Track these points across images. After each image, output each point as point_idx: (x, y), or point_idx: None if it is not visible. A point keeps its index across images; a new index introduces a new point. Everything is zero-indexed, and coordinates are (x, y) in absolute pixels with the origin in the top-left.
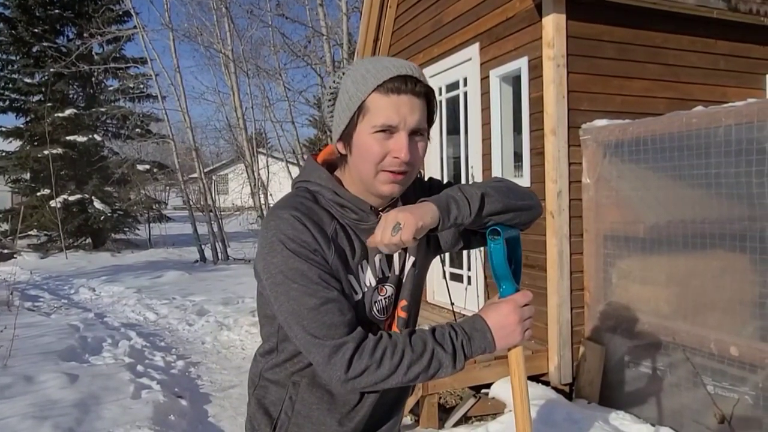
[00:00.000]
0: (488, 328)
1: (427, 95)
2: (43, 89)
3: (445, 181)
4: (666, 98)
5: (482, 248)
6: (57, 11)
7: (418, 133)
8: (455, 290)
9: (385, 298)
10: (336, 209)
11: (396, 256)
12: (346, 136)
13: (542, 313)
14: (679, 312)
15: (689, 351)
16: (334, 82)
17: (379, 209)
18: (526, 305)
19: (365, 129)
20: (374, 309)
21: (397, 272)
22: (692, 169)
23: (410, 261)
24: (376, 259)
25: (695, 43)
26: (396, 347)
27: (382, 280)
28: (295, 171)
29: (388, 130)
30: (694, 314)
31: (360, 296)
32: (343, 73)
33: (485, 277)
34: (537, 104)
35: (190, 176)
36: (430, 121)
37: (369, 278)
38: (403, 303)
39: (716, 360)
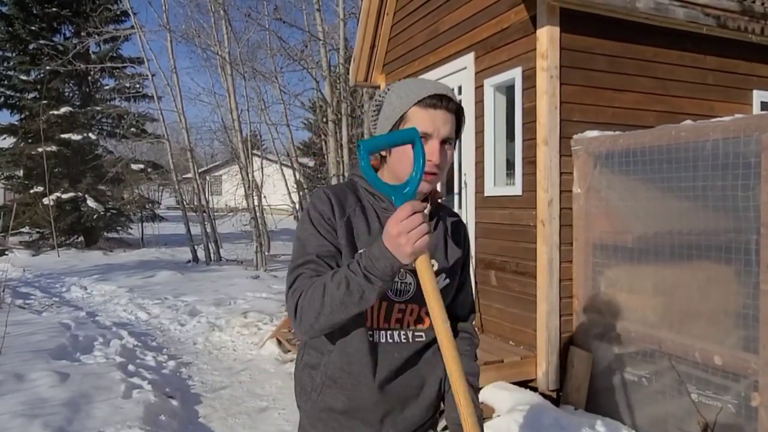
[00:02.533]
0: (385, 247)
1: (457, 112)
2: (39, 87)
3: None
4: (656, 111)
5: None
6: (54, 9)
7: (448, 142)
8: None
9: (402, 283)
10: (369, 197)
11: None
12: None
13: (531, 319)
14: (665, 321)
15: (674, 359)
16: (380, 96)
17: None
18: (408, 218)
19: None
20: (390, 286)
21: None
22: (680, 182)
23: (443, 276)
24: None
25: (685, 58)
26: (319, 284)
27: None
28: (289, 173)
29: (424, 138)
30: (679, 323)
31: None
32: (389, 90)
33: (476, 283)
34: (530, 114)
35: (184, 176)
36: (458, 133)
37: None
38: (425, 309)
39: (700, 369)
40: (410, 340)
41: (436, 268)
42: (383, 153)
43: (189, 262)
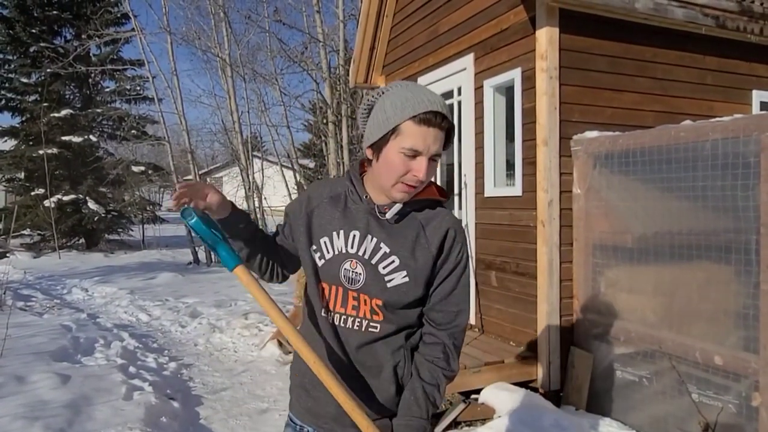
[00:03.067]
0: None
1: (448, 129)
2: (40, 89)
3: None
4: (655, 111)
5: (472, 258)
6: (55, 12)
7: (435, 158)
8: None
9: (353, 272)
10: (347, 189)
11: (369, 242)
12: (377, 147)
13: (532, 320)
14: (665, 321)
15: (675, 359)
16: (372, 97)
17: (383, 204)
18: None
19: (395, 147)
20: (342, 274)
21: (365, 254)
22: (680, 182)
23: (401, 274)
24: (351, 234)
25: (684, 58)
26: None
27: (352, 255)
28: (290, 175)
29: (413, 154)
30: (679, 323)
31: (331, 255)
32: (383, 93)
33: (476, 284)
34: (530, 114)
35: (185, 178)
36: (445, 147)
37: (341, 245)
38: (378, 302)
39: (701, 369)
40: (363, 329)
41: (396, 263)
42: (370, 157)
43: (190, 263)
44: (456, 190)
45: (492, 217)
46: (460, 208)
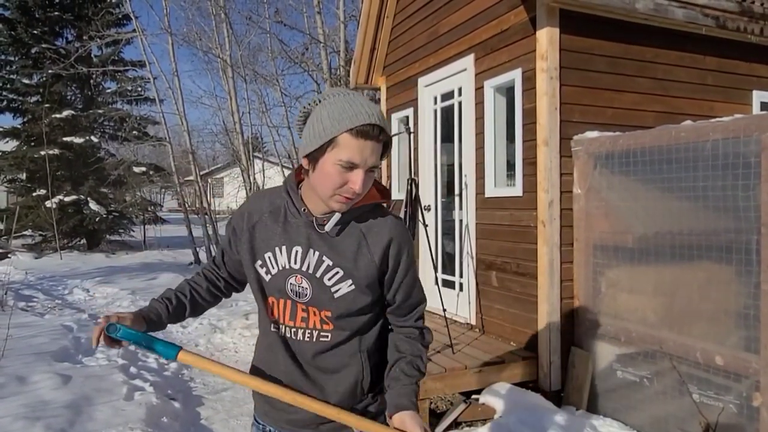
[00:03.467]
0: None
1: (385, 141)
2: (41, 90)
3: (439, 187)
4: (655, 112)
5: (472, 258)
6: (57, 13)
7: (373, 169)
8: (447, 296)
9: (299, 286)
10: (290, 208)
11: (312, 256)
12: (313, 158)
13: (532, 320)
14: (666, 321)
15: (676, 360)
16: (308, 104)
17: (318, 215)
18: None
19: (331, 159)
20: (288, 288)
21: (309, 269)
22: (680, 182)
23: (347, 283)
24: (293, 249)
25: (684, 59)
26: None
27: (296, 271)
28: None
29: (350, 166)
30: (680, 324)
31: (276, 270)
32: (320, 101)
33: (477, 284)
34: (530, 115)
35: (186, 179)
36: (382, 158)
37: (284, 261)
38: (327, 313)
39: (702, 369)
40: (314, 339)
41: (341, 274)
42: (306, 167)
43: (191, 264)
44: (456, 191)
45: (492, 217)
46: (460, 208)
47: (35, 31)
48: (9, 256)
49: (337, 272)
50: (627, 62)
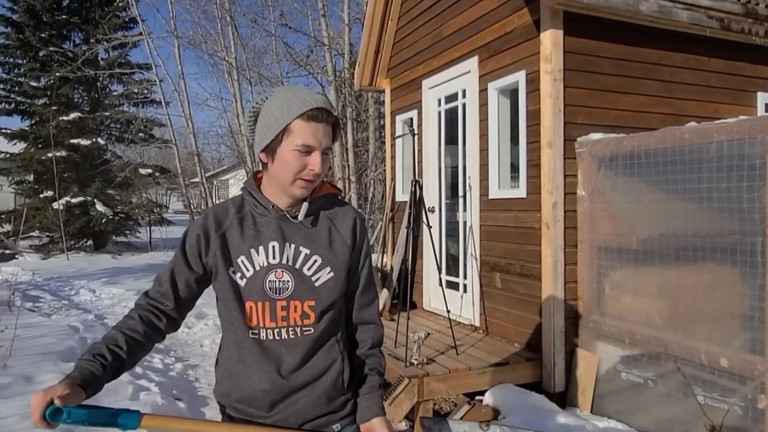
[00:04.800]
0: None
1: (335, 124)
2: (49, 93)
3: (443, 189)
4: (660, 114)
5: (476, 260)
6: (64, 17)
7: (327, 152)
8: (451, 298)
9: (280, 281)
10: (250, 205)
11: (288, 249)
12: (270, 150)
13: (536, 321)
14: (670, 323)
15: (680, 362)
16: (257, 104)
17: (284, 208)
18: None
19: (288, 146)
20: (267, 286)
21: (288, 262)
22: (684, 183)
23: (326, 270)
24: (270, 245)
25: (689, 61)
26: (122, 321)
27: (276, 266)
28: None
29: (308, 150)
30: (685, 325)
31: (252, 272)
32: (266, 98)
33: (481, 286)
34: (534, 117)
35: (192, 180)
36: (334, 141)
37: (262, 259)
38: (311, 302)
39: (706, 371)
40: (298, 335)
41: (319, 262)
42: (265, 160)
43: None
44: (460, 192)
45: (496, 219)
46: (464, 210)
47: (43, 35)
48: (16, 256)
49: (316, 260)
50: (632, 64)
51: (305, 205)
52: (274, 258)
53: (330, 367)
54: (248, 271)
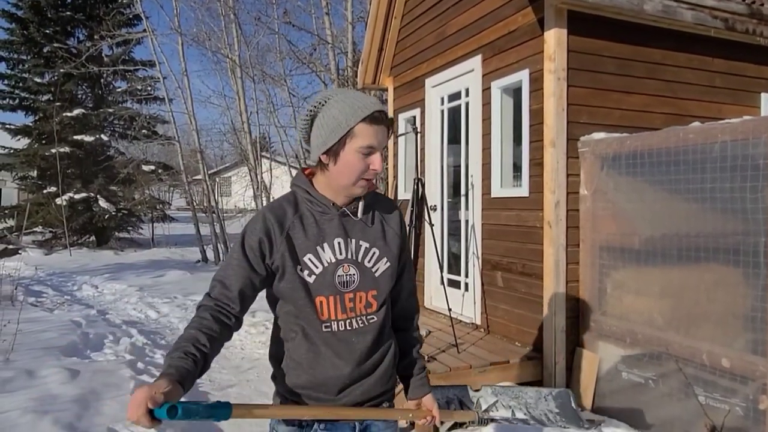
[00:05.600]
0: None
1: (389, 125)
2: (53, 89)
3: (445, 187)
4: (663, 113)
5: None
6: (68, 13)
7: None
8: (452, 296)
9: (347, 275)
10: (307, 204)
11: (351, 244)
12: (333, 152)
13: (537, 320)
14: (672, 323)
15: (681, 362)
16: (313, 107)
17: (342, 206)
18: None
19: (351, 148)
20: (336, 280)
21: (352, 256)
22: (688, 184)
23: (383, 261)
24: (335, 242)
25: (693, 61)
26: (191, 324)
27: (342, 261)
28: None
29: (370, 151)
30: (687, 326)
31: (321, 269)
32: (324, 102)
33: (482, 284)
34: (537, 116)
35: (194, 178)
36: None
37: (329, 256)
38: (373, 292)
39: (708, 371)
40: (366, 324)
41: (377, 254)
42: (326, 161)
43: (198, 262)
44: (463, 191)
45: (498, 217)
46: (466, 208)
47: (47, 31)
48: (20, 252)
49: (374, 252)
50: (635, 64)
51: (362, 203)
52: (340, 254)
53: (388, 351)
54: (317, 268)
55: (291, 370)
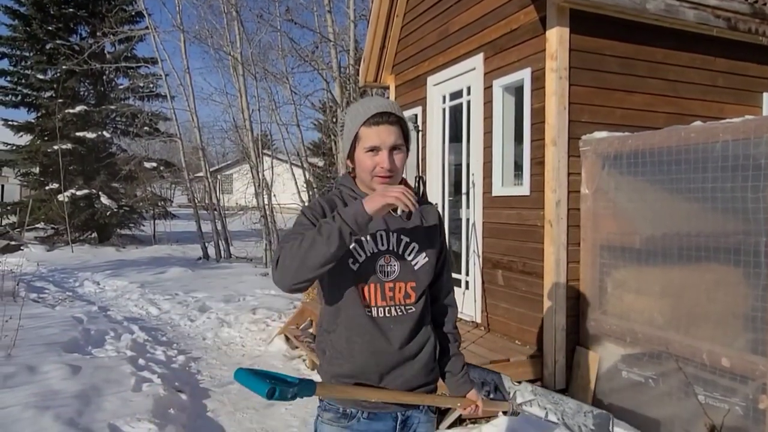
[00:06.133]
0: (359, 203)
1: (399, 122)
2: (55, 86)
3: (446, 186)
4: (665, 113)
5: (479, 257)
6: (71, 10)
7: (396, 149)
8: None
9: (389, 265)
10: (351, 199)
11: (392, 237)
12: (351, 156)
13: (538, 319)
14: (672, 322)
15: (681, 361)
16: (341, 117)
17: None
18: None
19: (360, 150)
20: (378, 270)
21: (393, 248)
22: (689, 183)
23: (422, 255)
24: (378, 234)
25: (695, 60)
26: (304, 236)
27: (384, 252)
28: (299, 173)
29: (375, 150)
30: (687, 325)
31: (364, 257)
32: (345, 113)
33: (483, 283)
34: (538, 115)
35: (196, 175)
36: (407, 139)
37: (372, 246)
38: (412, 284)
39: (708, 371)
40: (404, 313)
41: (417, 248)
42: (351, 165)
43: (200, 259)
44: (464, 189)
45: (499, 216)
46: (467, 207)
47: (50, 28)
48: (22, 248)
49: (414, 246)
50: (637, 63)
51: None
52: (382, 245)
53: (427, 342)
54: (360, 256)
55: (334, 360)
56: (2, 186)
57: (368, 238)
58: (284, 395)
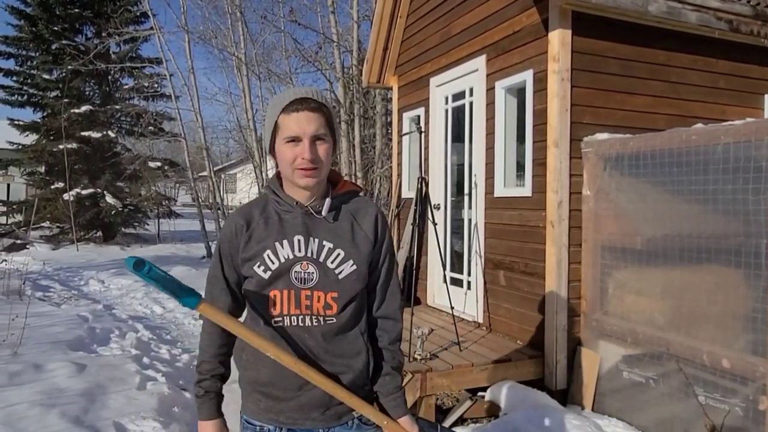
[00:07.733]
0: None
1: (321, 109)
2: (61, 85)
3: (449, 186)
4: (667, 115)
5: (481, 257)
6: (76, 10)
7: (319, 138)
8: (455, 294)
9: (305, 272)
10: (275, 204)
11: (313, 243)
12: (272, 150)
13: (539, 319)
14: (673, 323)
15: (682, 362)
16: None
17: (306, 203)
18: None
19: (280, 141)
20: (292, 276)
21: (313, 255)
22: (690, 185)
23: (349, 264)
24: (295, 239)
25: (697, 62)
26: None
27: (301, 258)
28: None
29: (295, 140)
30: (687, 326)
31: (277, 264)
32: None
33: (485, 283)
34: (541, 116)
35: (200, 174)
36: (332, 128)
37: (287, 252)
38: (333, 294)
39: (708, 371)
40: (321, 324)
41: (342, 255)
42: (274, 159)
43: (203, 257)
44: (466, 190)
45: (501, 217)
46: (469, 207)
47: (55, 28)
48: (27, 246)
49: (339, 254)
50: (639, 65)
51: (328, 200)
52: (299, 251)
53: (355, 358)
54: (273, 263)
55: (250, 365)
56: (8, 185)
57: (284, 243)
58: (149, 272)
